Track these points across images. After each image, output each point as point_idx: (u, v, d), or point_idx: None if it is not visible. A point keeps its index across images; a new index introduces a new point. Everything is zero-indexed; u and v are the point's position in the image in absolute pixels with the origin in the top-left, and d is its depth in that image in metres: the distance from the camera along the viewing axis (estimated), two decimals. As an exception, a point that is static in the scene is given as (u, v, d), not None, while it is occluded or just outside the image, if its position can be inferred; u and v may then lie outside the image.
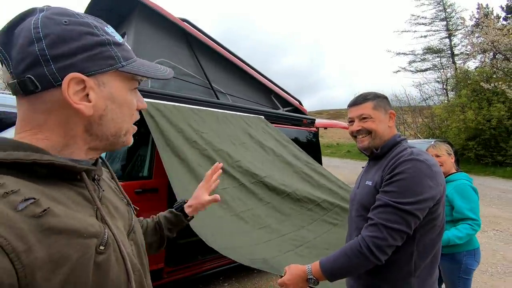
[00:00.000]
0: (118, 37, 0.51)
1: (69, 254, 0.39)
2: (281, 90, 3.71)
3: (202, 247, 1.59)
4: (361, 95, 1.30)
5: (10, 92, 0.55)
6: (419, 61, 21.22)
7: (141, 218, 0.91)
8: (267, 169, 2.39)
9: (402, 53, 21.55)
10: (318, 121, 4.15)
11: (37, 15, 0.44)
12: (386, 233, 1.02)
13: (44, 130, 0.46)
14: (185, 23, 2.78)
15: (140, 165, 2.43)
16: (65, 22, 0.45)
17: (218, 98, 3.00)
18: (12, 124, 2.86)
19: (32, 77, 0.42)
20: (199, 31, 2.91)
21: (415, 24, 21.08)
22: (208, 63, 2.99)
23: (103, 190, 0.54)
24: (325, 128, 4.78)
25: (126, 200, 0.63)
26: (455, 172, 2.03)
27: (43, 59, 0.42)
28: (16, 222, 0.35)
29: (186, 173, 1.99)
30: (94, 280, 0.42)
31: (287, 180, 2.36)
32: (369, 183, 1.19)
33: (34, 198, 0.38)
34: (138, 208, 0.67)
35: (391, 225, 1.02)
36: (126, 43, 0.54)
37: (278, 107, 3.65)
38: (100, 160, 0.58)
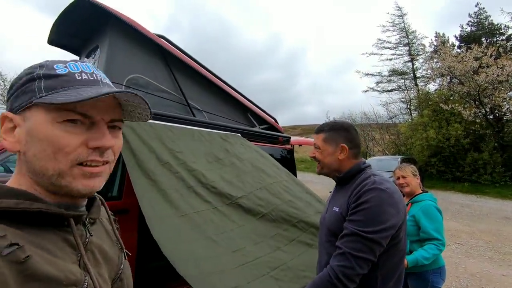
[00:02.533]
0: (64, 70, 0.48)
1: None
2: (257, 108, 3.75)
3: (174, 272, 1.51)
4: (321, 125, 1.43)
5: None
6: (385, 82, 22.68)
7: None
8: (244, 184, 2.36)
9: (370, 74, 22.93)
10: (293, 138, 4.22)
11: None
12: (354, 262, 1.06)
13: (18, 172, 0.49)
14: (161, 39, 2.75)
15: (109, 185, 2.30)
16: (24, 70, 0.49)
17: (194, 115, 2.96)
18: None
19: None
20: (176, 48, 2.89)
21: (382, 47, 22.66)
22: (184, 80, 2.96)
23: (91, 235, 0.53)
24: (300, 145, 4.87)
25: (119, 245, 0.61)
26: (421, 193, 2.14)
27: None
28: (1, 267, 0.37)
29: (157, 195, 1.89)
30: None
31: (264, 198, 2.33)
32: (336, 209, 1.25)
33: (19, 245, 0.39)
34: (130, 254, 0.64)
35: (358, 254, 1.06)
36: (80, 73, 0.49)
37: (255, 124, 3.67)
38: (97, 202, 0.58)
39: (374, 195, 1.10)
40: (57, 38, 2.95)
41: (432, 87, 17.45)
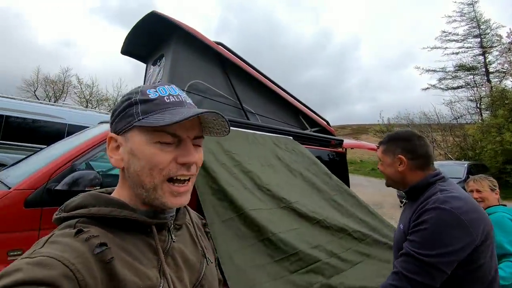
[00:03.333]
0: (155, 94, 0.55)
1: None
2: (309, 110, 3.71)
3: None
4: (384, 137, 1.37)
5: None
6: (450, 78, 20.41)
7: None
8: (295, 194, 2.36)
9: (432, 70, 20.87)
10: (346, 141, 4.08)
11: None
12: (406, 282, 1.00)
13: (120, 184, 0.58)
14: (219, 46, 2.89)
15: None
16: (123, 95, 0.58)
17: (248, 119, 3.05)
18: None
19: None
20: (232, 53, 3.01)
21: (446, 40, 20.45)
22: (239, 84, 3.07)
23: (174, 241, 0.58)
24: (352, 148, 4.69)
25: (202, 251, 0.65)
26: (494, 205, 1.91)
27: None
28: (92, 263, 0.44)
29: (216, 192, 2.01)
30: None
31: (316, 207, 2.31)
32: (401, 226, 1.21)
33: (107, 245, 0.46)
34: (212, 261, 0.67)
35: (412, 275, 1.00)
36: (168, 97, 0.55)
37: (306, 127, 3.64)
38: (183, 209, 0.64)
39: (433, 216, 1.02)
40: (128, 48, 3.30)
41: (509, 83, 15.25)
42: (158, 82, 2.87)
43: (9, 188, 1.77)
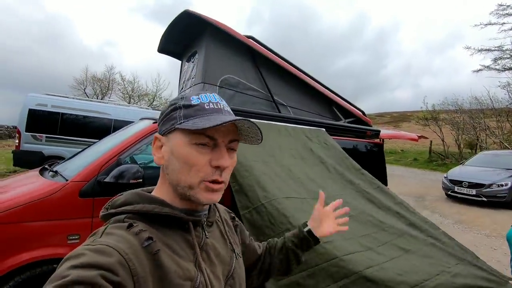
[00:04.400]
0: (197, 101, 0.59)
1: None
2: (343, 101, 3.60)
3: None
4: None
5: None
6: (508, 58, 18.19)
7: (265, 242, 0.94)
8: (328, 187, 2.34)
9: (486, 50, 18.74)
10: (383, 132, 3.90)
11: None
12: None
13: (161, 182, 0.63)
14: (250, 39, 2.91)
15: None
16: (171, 101, 0.63)
17: (279, 111, 3.05)
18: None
19: None
20: (262, 46, 3.01)
21: (504, 15, 18.14)
22: (270, 76, 3.07)
23: (207, 238, 0.63)
24: (390, 138, 4.47)
25: (231, 246, 0.69)
26: None
27: None
28: (141, 254, 0.49)
29: (251, 180, 2.04)
30: None
31: (350, 201, 2.26)
32: None
33: (153, 239, 0.52)
34: (240, 256, 0.72)
35: None
36: (208, 104, 0.59)
37: (340, 118, 3.54)
38: (213, 207, 0.69)
39: None
40: (164, 46, 3.45)
41: None
42: (192, 78, 2.98)
43: (67, 180, 2.00)
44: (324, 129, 3.06)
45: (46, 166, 2.51)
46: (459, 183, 7.93)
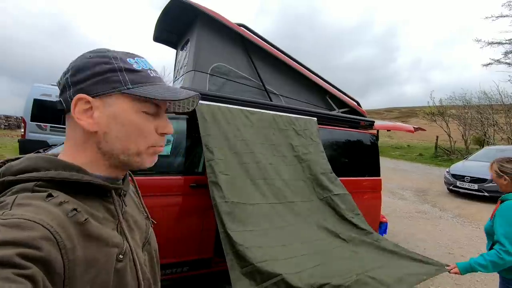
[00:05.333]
0: (138, 66, 0.56)
1: (98, 258, 0.48)
2: (337, 91, 3.58)
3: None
4: None
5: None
6: (519, 51, 17.66)
7: None
8: (297, 193, 2.57)
9: (496, 43, 18.23)
10: (379, 123, 3.87)
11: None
12: None
13: (79, 148, 0.56)
14: (242, 28, 2.91)
15: (196, 162, 2.66)
16: (89, 56, 0.55)
17: (271, 100, 3.06)
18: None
19: (61, 100, 0.55)
20: (254, 35, 3.00)
21: (517, 7, 17.55)
22: (263, 65, 3.07)
23: (126, 206, 0.62)
24: (388, 130, 4.44)
25: (146, 214, 0.71)
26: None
27: (67, 85, 0.54)
28: (67, 225, 0.45)
29: (225, 183, 2.25)
30: (113, 284, 0.50)
31: (312, 208, 2.55)
32: None
33: (77, 209, 0.48)
34: (155, 222, 0.74)
35: None
36: (150, 71, 0.58)
37: (334, 108, 3.53)
38: (127, 177, 0.66)
39: None
40: (159, 35, 3.48)
41: None
42: (184, 66, 3.00)
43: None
44: (315, 119, 3.07)
45: (40, 151, 2.58)
46: (461, 177, 7.85)
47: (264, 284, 1.77)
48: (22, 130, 7.31)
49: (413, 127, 4.03)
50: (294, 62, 3.25)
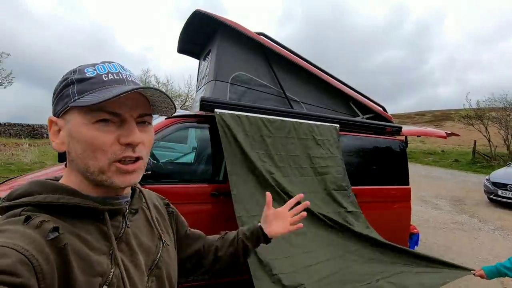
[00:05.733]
0: (93, 73, 0.52)
1: (79, 286, 0.45)
2: (361, 96, 3.47)
3: None
4: None
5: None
6: None
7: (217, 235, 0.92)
8: (313, 202, 2.51)
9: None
10: (407, 128, 3.69)
11: None
12: None
13: (70, 170, 0.55)
14: (261, 36, 2.93)
15: (217, 170, 2.68)
16: (62, 76, 0.55)
17: (292, 107, 3.03)
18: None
19: None
20: (274, 42, 3.01)
21: None
22: (282, 72, 3.06)
23: (128, 227, 0.58)
24: (418, 136, 4.21)
25: (158, 234, 0.65)
26: None
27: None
28: (45, 248, 0.43)
29: (241, 187, 2.34)
30: None
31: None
32: None
33: (59, 231, 0.45)
34: (169, 244, 0.68)
35: None
36: (107, 74, 0.53)
37: (358, 114, 3.42)
38: (137, 193, 0.63)
39: None
40: (182, 47, 3.60)
41: None
42: (206, 76, 3.07)
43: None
44: (338, 125, 2.99)
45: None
46: (503, 186, 7.23)
47: None
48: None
49: (446, 133, 3.79)
50: (315, 69, 3.21)
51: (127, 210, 0.58)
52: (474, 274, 1.77)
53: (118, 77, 0.53)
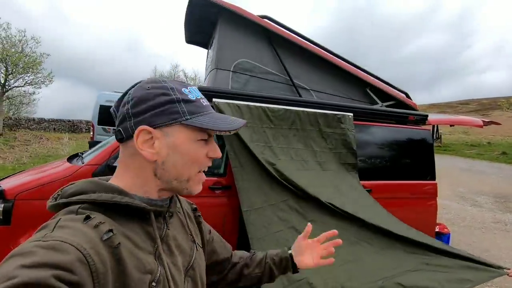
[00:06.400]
0: (192, 96, 0.59)
1: (129, 285, 0.48)
2: (380, 82, 3.14)
3: None
4: None
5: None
6: None
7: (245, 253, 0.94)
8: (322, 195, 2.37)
9: None
10: (435, 117, 3.29)
11: (136, 85, 0.59)
12: None
13: (130, 172, 0.59)
14: (266, 20, 2.73)
15: (217, 162, 2.57)
16: (148, 87, 0.57)
17: (300, 95, 2.82)
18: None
19: (121, 129, 0.57)
20: (280, 26, 2.80)
21: None
22: (289, 58, 2.85)
23: (168, 229, 0.62)
24: (451, 125, 3.75)
25: (191, 237, 0.69)
26: None
27: (127, 116, 0.56)
28: (101, 249, 0.46)
29: (245, 178, 2.24)
30: None
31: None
32: None
33: (113, 232, 0.49)
34: (201, 246, 0.73)
35: None
36: (202, 100, 0.61)
37: (376, 101, 3.11)
38: (174, 199, 0.67)
39: None
40: (190, 36, 3.51)
41: None
42: (208, 66, 2.95)
43: (83, 164, 2.19)
44: (351, 114, 2.72)
45: (79, 153, 2.80)
46: (559, 182, 6.34)
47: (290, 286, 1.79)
48: (91, 133, 8.30)
49: (483, 121, 3.33)
50: (327, 53, 2.94)
51: (167, 213, 0.63)
52: (508, 275, 1.60)
53: (207, 103, 0.62)
